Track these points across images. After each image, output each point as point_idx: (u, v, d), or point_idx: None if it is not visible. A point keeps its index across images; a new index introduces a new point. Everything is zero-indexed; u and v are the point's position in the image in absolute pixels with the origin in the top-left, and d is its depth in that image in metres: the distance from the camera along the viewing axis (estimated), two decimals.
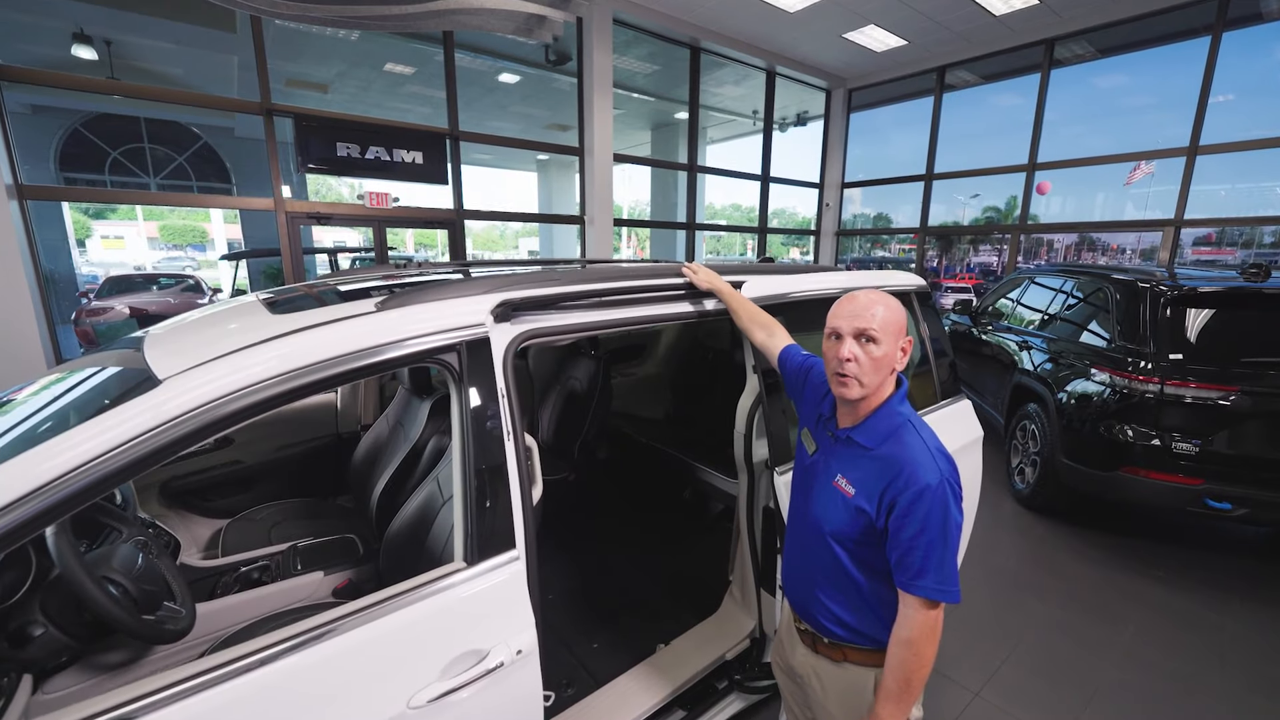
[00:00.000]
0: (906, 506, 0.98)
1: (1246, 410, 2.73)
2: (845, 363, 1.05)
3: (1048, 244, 11.55)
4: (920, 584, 0.97)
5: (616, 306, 1.52)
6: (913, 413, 1.10)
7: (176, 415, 0.91)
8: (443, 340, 1.20)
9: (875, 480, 1.03)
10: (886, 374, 1.07)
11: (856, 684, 1.14)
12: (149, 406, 0.91)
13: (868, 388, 1.07)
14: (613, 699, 1.66)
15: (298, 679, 0.95)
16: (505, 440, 1.24)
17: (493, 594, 1.17)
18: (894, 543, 1.00)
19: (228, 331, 1.21)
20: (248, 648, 0.94)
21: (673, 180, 10.33)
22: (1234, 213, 6.76)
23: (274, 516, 2.16)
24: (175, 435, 0.90)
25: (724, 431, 2.88)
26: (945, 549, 0.97)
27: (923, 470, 0.98)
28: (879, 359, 1.04)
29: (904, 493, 0.98)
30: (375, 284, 1.80)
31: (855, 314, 1.06)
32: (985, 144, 8.40)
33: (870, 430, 1.08)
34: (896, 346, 1.06)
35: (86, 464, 0.84)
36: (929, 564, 0.97)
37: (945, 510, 0.97)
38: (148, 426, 0.89)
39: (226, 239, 19.48)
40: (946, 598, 0.97)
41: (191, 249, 25.76)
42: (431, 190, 6.23)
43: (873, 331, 1.04)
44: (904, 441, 1.03)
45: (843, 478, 1.09)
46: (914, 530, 0.97)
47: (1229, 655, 2.41)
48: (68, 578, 0.99)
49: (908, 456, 1.01)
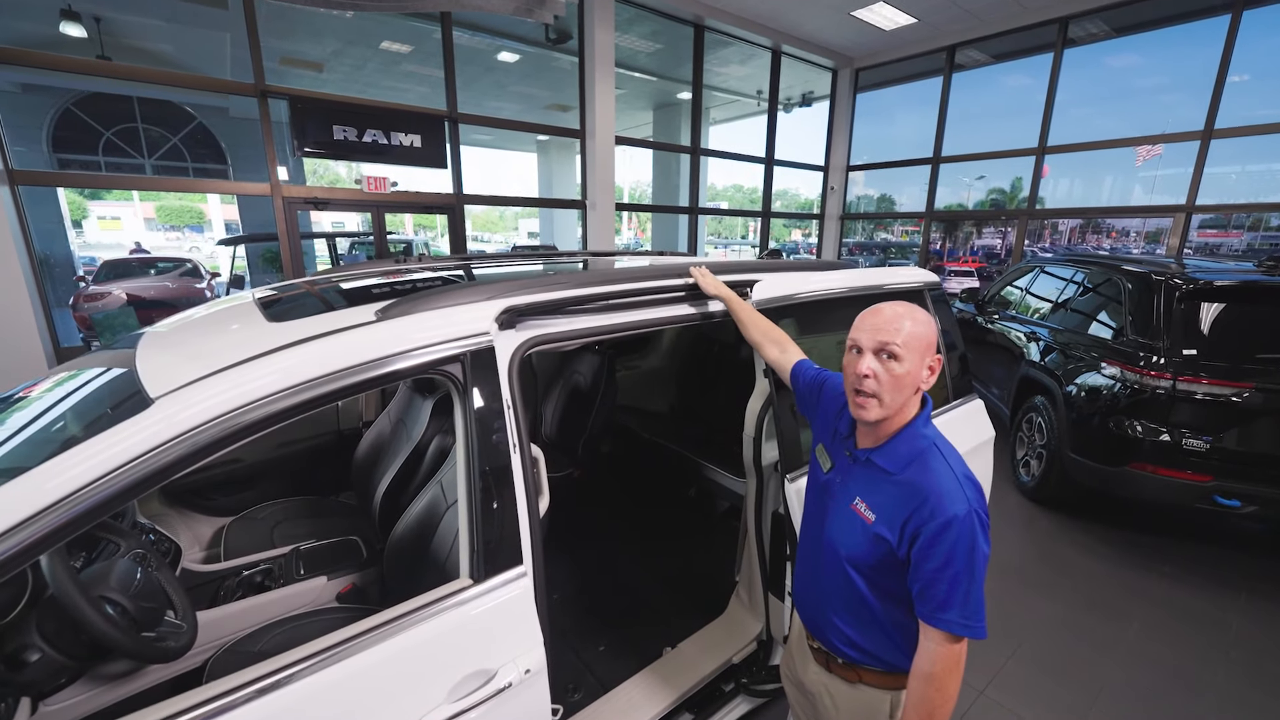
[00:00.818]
0: (931, 538, 0.93)
1: (1259, 407, 2.69)
2: (864, 379, 0.99)
3: (1051, 226, 11.41)
4: (943, 617, 0.94)
5: (624, 310, 1.47)
6: (938, 434, 1.04)
7: (168, 439, 0.87)
8: (446, 351, 1.16)
9: (898, 508, 0.98)
10: (909, 394, 1.00)
11: (871, 705, 1.11)
12: (139, 429, 0.87)
13: (887, 408, 1.00)
14: (620, 704, 1.66)
15: (302, 706, 0.93)
16: (511, 453, 1.21)
17: (500, 612, 1.14)
18: (916, 574, 0.96)
19: (223, 343, 1.16)
20: (249, 675, 0.91)
21: (675, 162, 10.16)
22: (1244, 196, 6.64)
23: (276, 515, 2.13)
24: (168, 460, 0.86)
25: (729, 427, 2.86)
26: (971, 582, 0.93)
27: (949, 500, 0.94)
28: (900, 377, 0.98)
29: (929, 523, 0.93)
30: (374, 283, 1.75)
31: (878, 327, 1.00)
32: (993, 126, 8.23)
33: (892, 453, 1.02)
34: (923, 365, 0.99)
35: (72, 494, 0.80)
36: (953, 598, 0.93)
37: (973, 542, 0.93)
38: (137, 452, 0.85)
39: (224, 220, 19.33)
40: (971, 633, 0.93)
41: (189, 230, 25.55)
42: (430, 174, 6.12)
43: (895, 347, 0.97)
44: (930, 468, 0.98)
45: (862, 502, 1.04)
46: (939, 563, 0.93)
47: (1233, 652, 2.41)
48: (63, 601, 0.96)
49: (934, 485, 0.96)
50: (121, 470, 0.84)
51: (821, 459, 1.18)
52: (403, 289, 1.62)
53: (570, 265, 2.26)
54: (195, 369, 0.99)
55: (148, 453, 0.86)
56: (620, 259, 2.66)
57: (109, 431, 0.87)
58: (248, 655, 1.44)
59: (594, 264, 2.23)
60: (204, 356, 1.05)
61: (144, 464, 0.85)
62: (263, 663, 0.93)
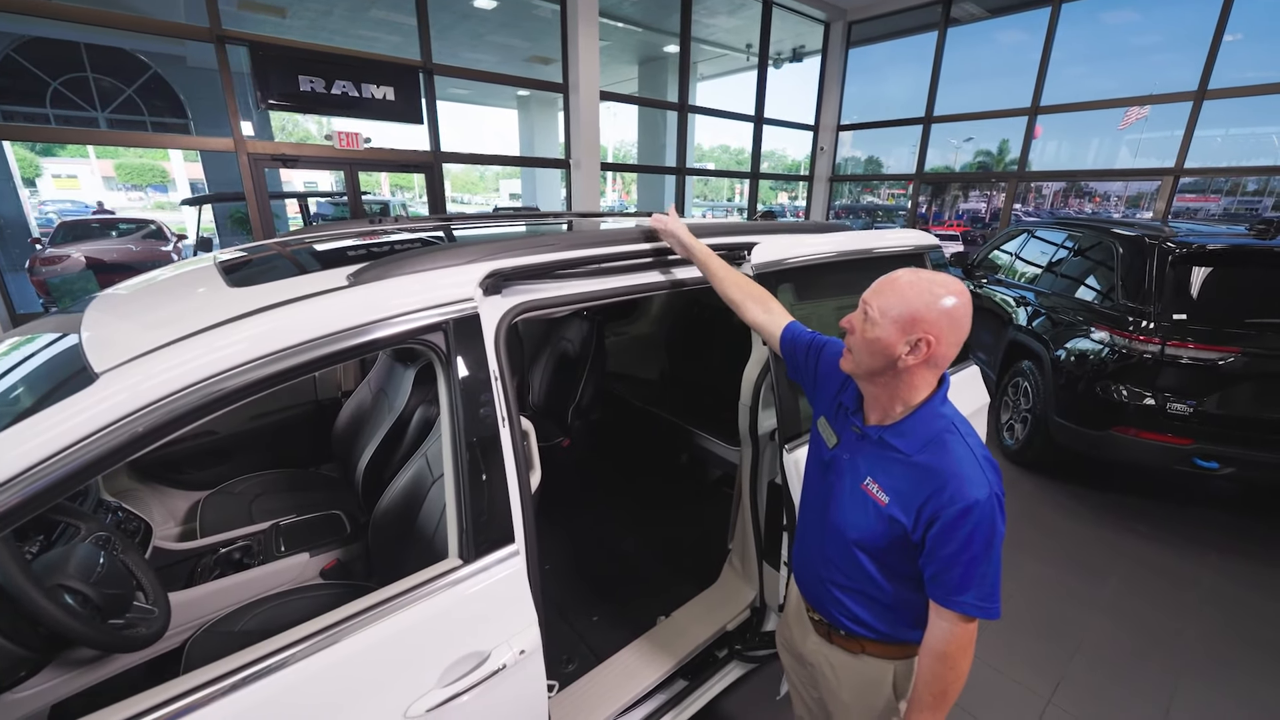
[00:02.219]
0: (950, 523, 0.89)
1: (1242, 371, 2.72)
2: (846, 333, 1.01)
3: (1035, 190, 11.38)
4: (959, 600, 0.91)
5: (617, 274, 1.39)
6: (956, 413, 0.99)
7: (111, 422, 0.78)
8: (427, 319, 1.07)
9: (914, 490, 0.94)
10: (882, 363, 0.95)
11: (873, 677, 1.10)
12: (78, 410, 0.78)
13: (857, 364, 0.99)
14: (616, 674, 1.65)
15: (287, 695, 0.88)
16: (500, 427, 1.14)
17: (492, 593, 1.09)
18: (931, 557, 0.93)
19: (179, 311, 1.06)
20: (232, 664, 0.85)
21: (661, 120, 9.82)
22: (1228, 160, 6.63)
23: (254, 489, 2.06)
24: (113, 445, 0.77)
25: (722, 394, 2.81)
26: (988, 564, 0.90)
27: (970, 485, 0.89)
28: (871, 341, 0.94)
29: (948, 508, 0.89)
30: (347, 245, 1.63)
31: (875, 287, 0.97)
32: (985, 85, 8.04)
33: (908, 433, 0.97)
34: (900, 339, 0.92)
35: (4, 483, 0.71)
36: (970, 580, 0.90)
37: (992, 526, 0.89)
38: (75, 437, 0.76)
39: (189, 179, 18.40)
40: (986, 615, 0.91)
41: (152, 190, 24.38)
42: (406, 130, 5.82)
43: (869, 308, 0.95)
44: (949, 450, 0.92)
45: (874, 482, 0.99)
46: (956, 547, 0.89)
47: (1205, 607, 2.50)
48: (12, 594, 0.88)
49: (954, 469, 0.90)
50: (62, 456, 0.75)
51: (825, 434, 1.13)
52: (379, 251, 1.51)
53: (555, 226, 2.15)
54: (147, 340, 0.89)
55: (91, 436, 0.77)
56: (607, 220, 2.54)
57: (47, 411, 0.77)
58: (229, 635, 1.39)
59: (580, 225, 2.12)
60: (158, 326, 0.95)
61: (87, 449, 0.76)
62: (247, 650, 0.88)
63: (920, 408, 0.97)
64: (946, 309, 0.90)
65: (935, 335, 0.90)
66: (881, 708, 1.10)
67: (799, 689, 1.35)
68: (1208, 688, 2.09)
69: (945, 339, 0.91)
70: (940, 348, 0.91)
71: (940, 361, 0.94)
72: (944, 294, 0.91)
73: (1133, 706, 2.00)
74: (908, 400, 0.98)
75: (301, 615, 1.52)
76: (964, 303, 0.92)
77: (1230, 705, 2.02)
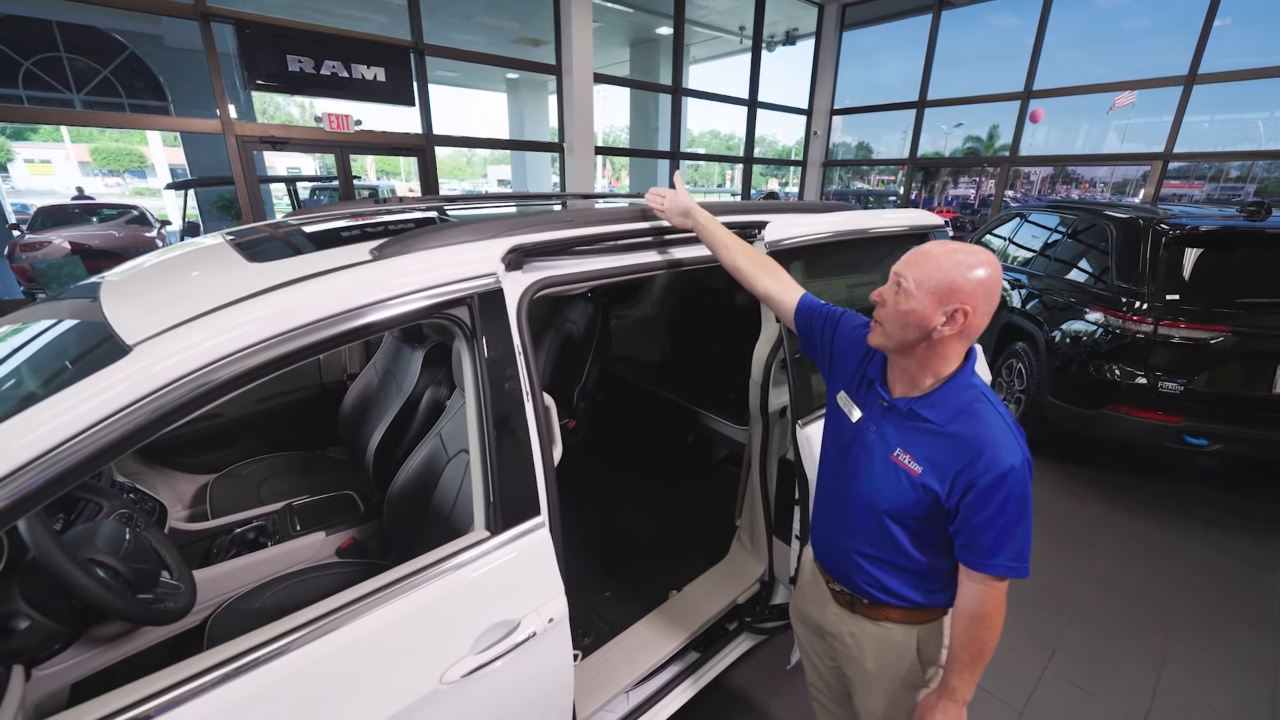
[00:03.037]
0: (986, 490, 0.91)
1: (1231, 350, 2.79)
2: (877, 306, 1.00)
3: (1024, 176, 11.46)
4: (992, 563, 0.93)
5: (634, 251, 1.39)
6: (984, 383, 1.01)
7: (152, 391, 0.78)
8: (452, 293, 1.07)
9: (949, 460, 0.95)
10: (916, 335, 0.95)
11: (897, 643, 1.12)
12: (117, 381, 0.78)
13: (888, 338, 0.99)
14: (631, 646, 1.68)
15: (324, 664, 0.89)
16: (525, 401, 1.15)
17: (520, 563, 1.11)
18: (965, 524, 0.95)
19: (203, 285, 1.05)
20: (269, 633, 0.86)
21: (652, 104, 9.72)
22: (1214, 146, 6.70)
23: (262, 472, 2.05)
24: (152, 415, 0.77)
25: (724, 376, 2.84)
26: (1020, 527, 0.92)
27: (1005, 452, 0.90)
28: (905, 313, 0.94)
29: (985, 475, 0.90)
30: (357, 224, 1.62)
31: (908, 259, 0.97)
32: (979, 69, 8.06)
33: (939, 404, 0.98)
34: (937, 310, 0.92)
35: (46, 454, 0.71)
36: (1002, 544, 0.92)
37: (1024, 491, 0.91)
38: (117, 406, 0.76)
39: (169, 164, 17.95)
40: (1018, 574, 0.94)
41: (130, 175, 23.78)
42: (397, 113, 5.72)
43: (903, 280, 0.95)
44: (982, 419, 0.94)
45: (905, 453, 1.00)
46: (991, 513, 0.92)
47: (1192, 578, 2.59)
48: (49, 567, 0.88)
49: (988, 436, 0.92)
50: (104, 425, 0.75)
51: (847, 408, 1.13)
52: (395, 229, 1.50)
53: (548, 207, 2.14)
54: (178, 313, 0.89)
55: (131, 405, 0.77)
56: (612, 202, 2.54)
57: (85, 382, 0.77)
58: (250, 613, 1.39)
59: (580, 205, 2.11)
60: (185, 300, 0.94)
61: (128, 418, 0.76)
62: (286, 618, 0.89)
63: (951, 379, 0.98)
64: (981, 279, 0.91)
65: (971, 305, 0.91)
66: (905, 673, 1.12)
67: (814, 660, 1.37)
68: (1197, 652, 2.17)
69: (980, 309, 0.92)
70: (975, 318, 0.92)
71: (973, 332, 0.95)
72: (978, 264, 0.91)
73: (1126, 671, 2.08)
74: (938, 372, 0.99)
75: (320, 592, 1.53)
76: (996, 273, 0.93)
77: (1219, 666, 2.10)
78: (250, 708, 0.83)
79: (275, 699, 0.85)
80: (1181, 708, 1.94)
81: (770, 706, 1.90)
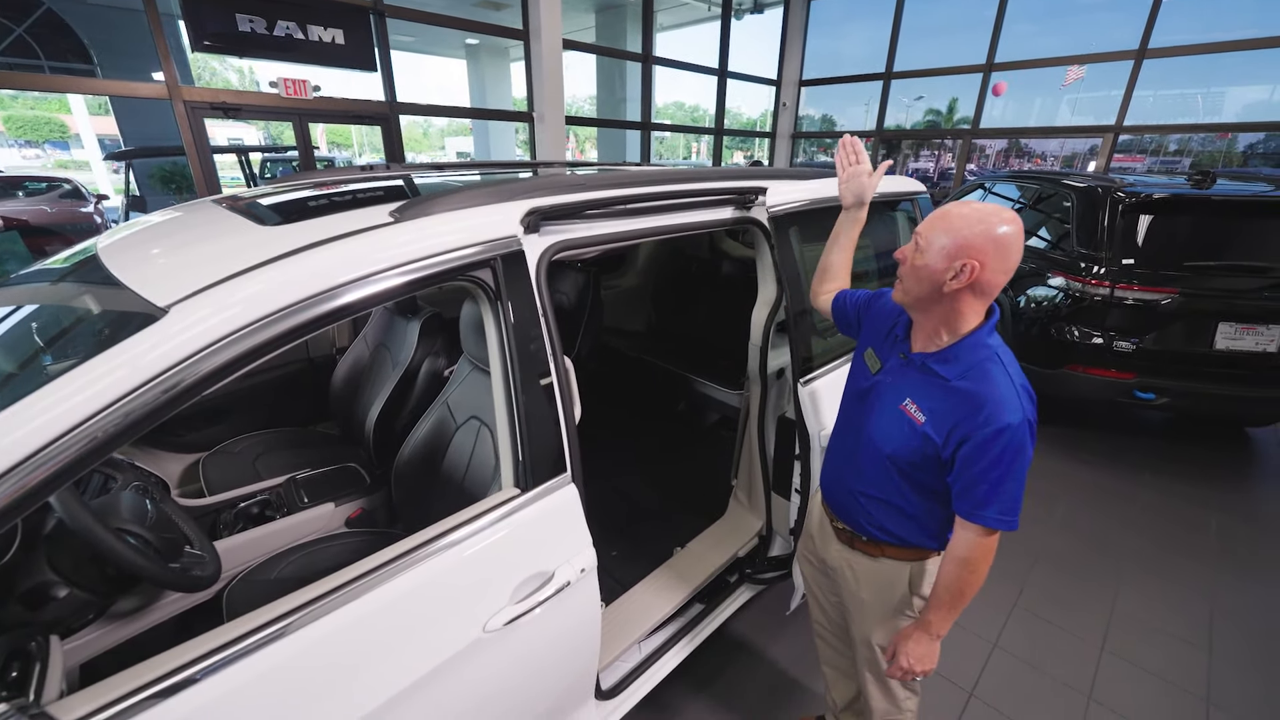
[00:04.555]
0: (981, 443, 0.96)
1: (1177, 310, 3.00)
2: (900, 263, 1.06)
3: (980, 150, 11.79)
4: (982, 514, 1.00)
5: (649, 214, 1.41)
6: (1001, 344, 1.04)
7: (197, 350, 0.78)
8: (477, 255, 1.07)
9: (950, 413, 1.00)
10: (928, 289, 1.00)
11: (890, 576, 1.21)
12: (159, 341, 0.77)
13: (906, 294, 1.06)
14: (641, 599, 1.75)
15: (377, 615, 0.92)
16: (550, 362, 1.17)
17: (552, 518, 1.15)
18: (959, 474, 1.01)
19: (222, 248, 1.02)
20: (317, 590, 0.88)
21: (619, 74, 9.52)
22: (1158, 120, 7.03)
23: (255, 448, 2.01)
24: (198, 374, 0.77)
25: (711, 343, 2.89)
26: (1013, 483, 0.98)
27: (1005, 409, 0.95)
28: (919, 269, 1.00)
29: (981, 430, 0.96)
30: (349, 189, 1.58)
31: (927, 219, 1.02)
32: (941, 42, 8.19)
33: (951, 359, 1.03)
34: (948, 264, 0.96)
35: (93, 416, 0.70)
36: (993, 497, 0.98)
37: (1020, 448, 0.96)
38: (165, 365, 0.75)
39: (96, 134, 16.64)
40: (1008, 527, 1.00)
41: (51, 146, 21.98)
42: (357, 78, 5.46)
43: (920, 239, 1.01)
44: (990, 377, 0.98)
45: (913, 403, 1.06)
46: (984, 466, 0.97)
47: (1140, 520, 2.83)
48: (84, 535, 0.87)
49: (992, 394, 0.97)
50: (149, 385, 0.74)
51: (870, 361, 1.19)
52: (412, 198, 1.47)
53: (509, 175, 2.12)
54: (207, 274, 0.87)
55: (176, 365, 0.76)
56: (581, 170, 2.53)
57: (126, 342, 0.76)
58: (267, 583, 1.39)
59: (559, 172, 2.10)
60: (211, 263, 0.92)
61: (173, 377, 0.75)
62: (333, 575, 0.90)
63: (967, 336, 1.03)
64: (994, 236, 0.94)
65: (980, 260, 0.94)
66: (896, 602, 1.23)
67: (818, 595, 1.48)
68: (1147, 583, 2.40)
69: (990, 265, 0.95)
70: (985, 273, 0.96)
71: (987, 289, 0.99)
72: (996, 223, 0.95)
73: (1086, 603, 2.28)
74: (955, 328, 1.04)
75: (336, 561, 1.54)
76: (1015, 232, 0.95)
77: (1166, 592, 2.34)
78: (324, 648, 0.86)
79: (344, 642, 0.88)
80: (1134, 631, 2.15)
81: (769, 651, 2.02)
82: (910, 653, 1.12)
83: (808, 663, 1.96)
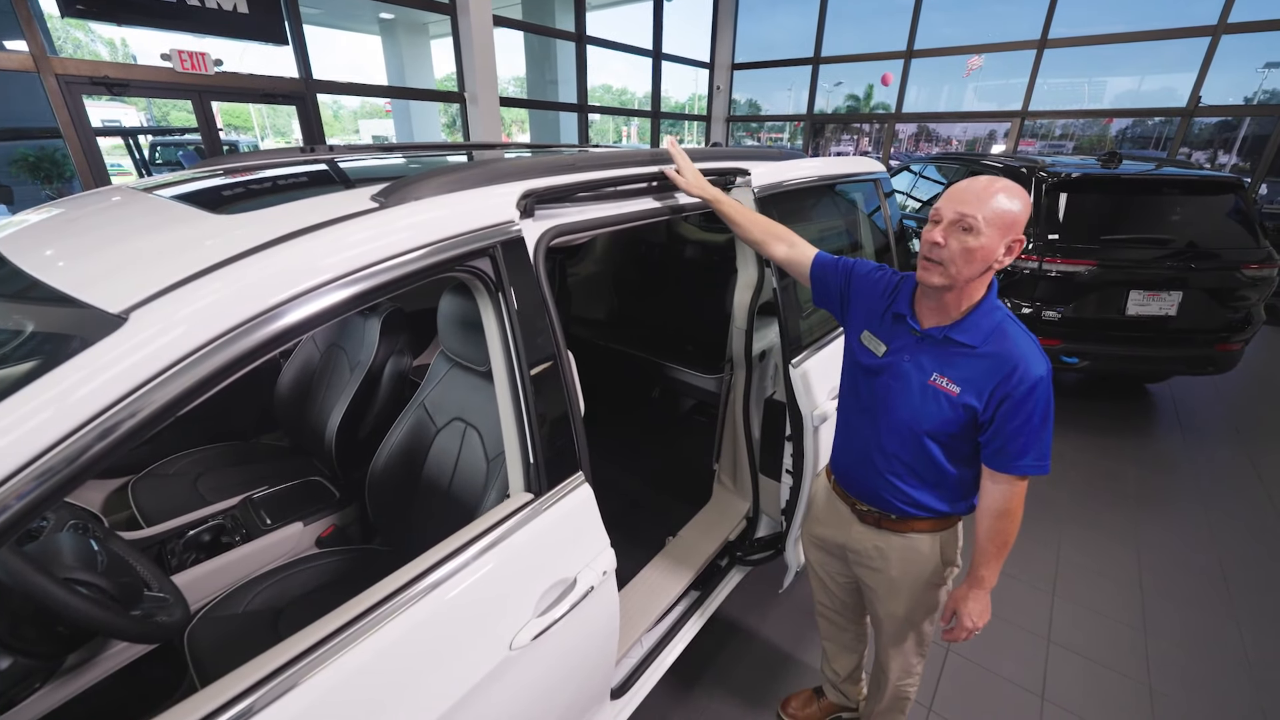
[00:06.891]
0: (1020, 400, 1.01)
1: (1094, 280, 3.28)
2: (933, 246, 1.02)
3: (894, 134, 12.44)
4: (1020, 464, 1.05)
5: (643, 196, 1.35)
6: (1003, 304, 1.10)
7: (173, 362, 0.65)
8: (475, 240, 0.98)
9: (985, 377, 1.04)
10: (979, 269, 1.00)
11: (921, 550, 1.24)
12: (124, 353, 0.63)
13: (950, 278, 1.02)
14: (642, 592, 1.71)
15: (390, 652, 0.82)
16: (557, 354, 1.09)
17: (569, 521, 1.08)
18: (997, 432, 1.05)
19: (171, 242, 0.87)
20: (337, 621, 0.78)
21: (550, 53, 9.20)
22: (1051, 106, 7.63)
23: (194, 468, 1.79)
24: (174, 392, 0.65)
25: (680, 329, 2.87)
26: (1045, 430, 1.04)
27: (1034, 364, 1.01)
28: (972, 250, 0.98)
29: (1019, 387, 1.00)
30: (303, 169, 1.41)
31: (962, 199, 1.00)
32: (865, 28, 8.49)
33: (973, 328, 1.06)
34: (1001, 242, 0.98)
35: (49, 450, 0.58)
36: (1030, 445, 1.03)
37: (1050, 397, 1.02)
38: (134, 383, 0.63)
39: None
40: (1042, 471, 1.06)
41: None
42: (262, 52, 4.95)
43: (971, 220, 0.98)
44: (1011, 336, 1.04)
45: (942, 376, 1.08)
46: (1022, 419, 1.01)
47: (1067, 475, 3.10)
48: (29, 592, 0.71)
49: (1019, 352, 1.02)
50: (116, 409, 0.61)
51: (872, 345, 1.19)
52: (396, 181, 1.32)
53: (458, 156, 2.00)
54: (165, 274, 0.73)
55: (150, 380, 0.63)
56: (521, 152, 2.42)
57: (80, 357, 0.62)
58: (235, 618, 1.24)
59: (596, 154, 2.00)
60: (165, 260, 0.78)
61: (146, 397, 0.63)
62: (344, 608, 0.80)
63: (980, 304, 1.07)
64: (1029, 208, 1.01)
65: (1021, 237, 1.01)
66: (929, 575, 1.25)
67: (825, 579, 1.49)
68: (1083, 531, 2.63)
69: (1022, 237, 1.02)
70: (1020, 246, 1.02)
71: None
72: (1025, 195, 1.00)
73: (1033, 553, 2.48)
74: (972, 298, 1.07)
75: (311, 585, 1.40)
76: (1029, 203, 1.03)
77: (1100, 538, 2.58)
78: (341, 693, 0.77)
79: (363, 683, 0.78)
80: (1078, 577, 2.36)
81: (761, 630, 2.04)
82: (971, 612, 1.17)
83: (798, 639, 2.00)
